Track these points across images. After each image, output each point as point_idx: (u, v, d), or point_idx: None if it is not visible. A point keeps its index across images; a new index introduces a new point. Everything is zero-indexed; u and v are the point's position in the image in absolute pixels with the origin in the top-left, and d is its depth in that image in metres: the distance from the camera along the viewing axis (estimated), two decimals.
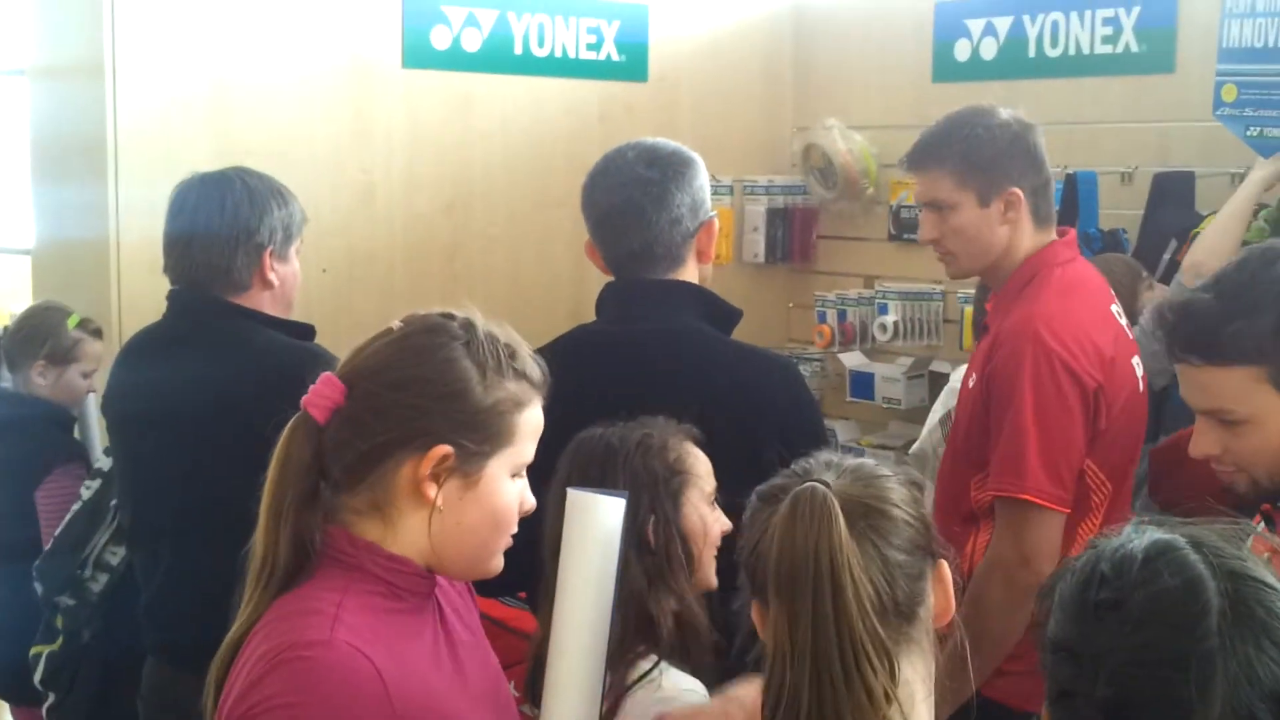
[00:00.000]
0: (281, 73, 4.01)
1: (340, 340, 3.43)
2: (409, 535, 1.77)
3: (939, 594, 1.69)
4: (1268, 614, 1.27)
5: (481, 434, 1.77)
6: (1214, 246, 3.52)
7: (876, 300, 4.77)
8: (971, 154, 2.88)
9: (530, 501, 1.88)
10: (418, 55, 4.24)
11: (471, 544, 1.80)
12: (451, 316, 1.82)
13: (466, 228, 4.40)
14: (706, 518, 2.27)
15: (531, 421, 1.83)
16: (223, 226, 2.98)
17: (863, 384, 4.76)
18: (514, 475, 1.82)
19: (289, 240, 3.08)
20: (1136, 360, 2.90)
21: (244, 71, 3.95)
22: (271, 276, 3.02)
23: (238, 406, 2.85)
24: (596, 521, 1.86)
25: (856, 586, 1.56)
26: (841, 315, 4.83)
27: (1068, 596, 1.35)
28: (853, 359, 4.83)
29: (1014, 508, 2.72)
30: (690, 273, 2.73)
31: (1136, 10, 4.20)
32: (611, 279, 2.79)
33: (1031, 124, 2.96)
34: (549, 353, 2.78)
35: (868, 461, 1.76)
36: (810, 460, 1.74)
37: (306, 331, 3.11)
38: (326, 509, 1.77)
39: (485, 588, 2.99)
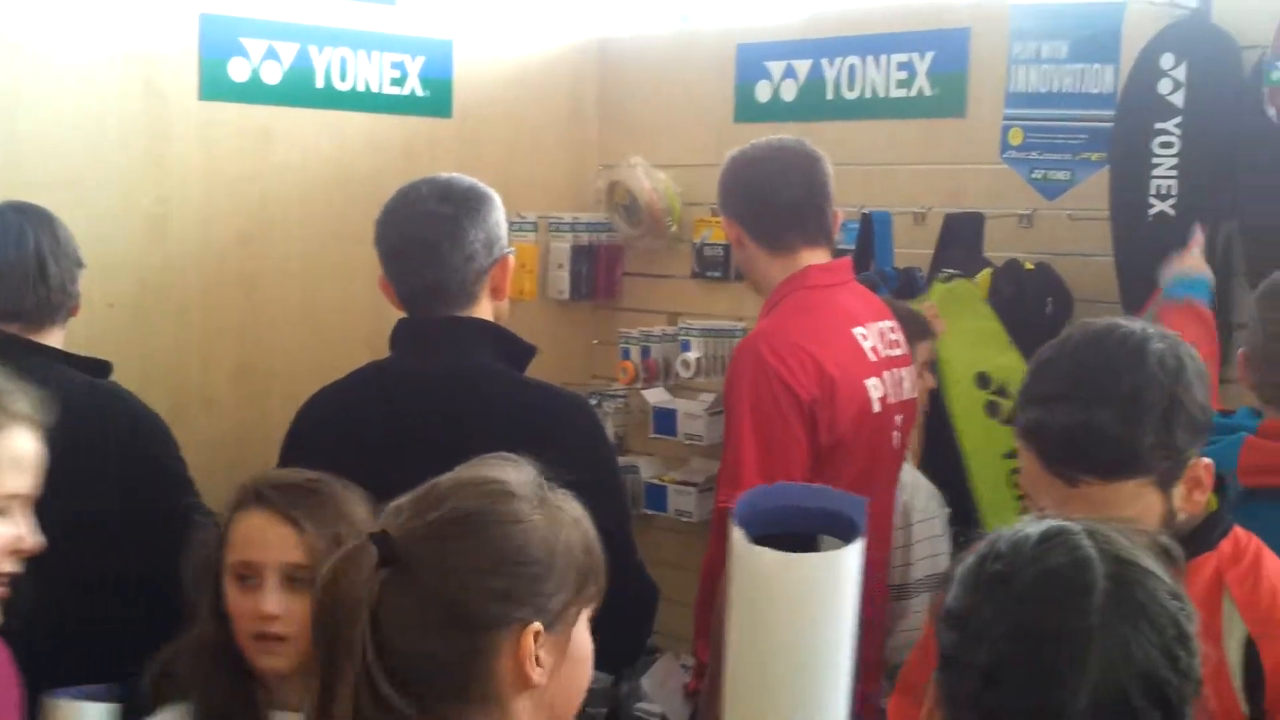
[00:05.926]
0: (74, 103, 3.89)
1: (135, 376, 3.38)
2: None
3: (508, 666, 1.50)
4: (1148, 598, 1.33)
5: None
6: None
7: (680, 337, 4.81)
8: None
9: (30, 541, 1.78)
10: (215, 87, 4.15)
11: None
12: None
13: (264, 261, 4.32)
14: (232, 597, 2.14)
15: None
16: (19, 259, 2.96)
17: (665, 420, 4.78)
18: None
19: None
20: (874, 382, 3.03)
21: (35, 101, 3.82)
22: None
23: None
24: None
25: (370, 653, 1.44)
26: (645, 352, 4.85)
27: (965, 571, 1.40)
28: (656, 395, 4.85)
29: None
30: (484, 309, 2.72)
31: (930, 55, 4.31)
32: (404, 315, 2.77)
33: (754, 155, 3.10)
34: (343, 388, 2.78)
35: (482, 507, 1.52)
36: (424, 492, 1.55)
37: (103, 368, 3.08)
38: None
39: None
